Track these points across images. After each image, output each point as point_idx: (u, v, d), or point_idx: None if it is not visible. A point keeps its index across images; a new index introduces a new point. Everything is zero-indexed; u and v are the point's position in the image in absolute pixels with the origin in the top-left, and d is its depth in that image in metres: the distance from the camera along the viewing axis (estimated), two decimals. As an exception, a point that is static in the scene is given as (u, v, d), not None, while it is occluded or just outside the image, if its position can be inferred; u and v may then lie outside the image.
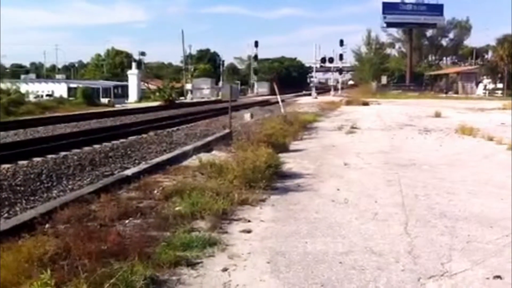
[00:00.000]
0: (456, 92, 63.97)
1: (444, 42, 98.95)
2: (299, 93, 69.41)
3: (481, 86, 63.38)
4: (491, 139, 14.77)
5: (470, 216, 6.70)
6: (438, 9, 78.97)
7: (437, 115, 24.39)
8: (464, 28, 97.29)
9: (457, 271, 4.75)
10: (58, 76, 79.95)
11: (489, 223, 6.34)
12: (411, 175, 9.65)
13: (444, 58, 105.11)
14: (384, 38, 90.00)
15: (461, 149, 13.51)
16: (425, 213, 6.84)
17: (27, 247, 4.70)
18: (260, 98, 56.35)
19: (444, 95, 60.76)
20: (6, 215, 7.61)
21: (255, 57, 78.83)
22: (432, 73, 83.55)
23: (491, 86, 61.93)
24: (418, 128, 18.81)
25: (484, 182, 9.06)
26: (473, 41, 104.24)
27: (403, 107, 32.55)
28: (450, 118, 22.91)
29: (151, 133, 18.40)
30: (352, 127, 18.88)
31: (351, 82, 72.93)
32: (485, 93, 60.11)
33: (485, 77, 64.98)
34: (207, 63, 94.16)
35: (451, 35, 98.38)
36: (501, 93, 55.81)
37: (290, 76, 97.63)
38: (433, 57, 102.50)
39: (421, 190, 8.32)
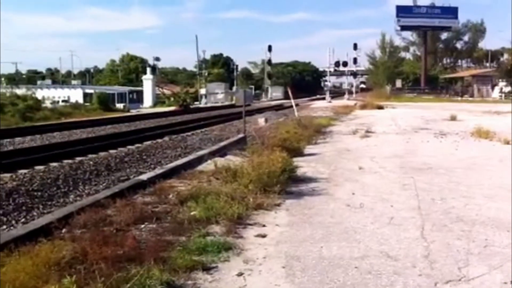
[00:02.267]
0: (472, 95, 63.50)
1: (458, 45, 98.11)
2: (313, 97, 69.41)
3: (496, 89, 62.85)
4: (507, 142, 14.62)
5: (486, 220, 6.64)
6: (452, 12, 78.59)
7: (453, 118, 24.21)
8: (479, 31, 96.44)
9: (475, 276, 4.70)
10: (73, 82, 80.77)
11: (506, 227, 6.27)
12: (426, 179, 9.58)
13: (459, 61, 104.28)
14: (398, 41, 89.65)
15: (477, 153, 13.39)
16: (442, 217, 6.79)
17: (45, 251, 4.74)
18: (274, 103, 56.38)
19: (459, 98, 60.32)
20: (23, 220, 7.69)
21: (269, 61, 78.87)
22: (447, 76, 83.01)
23: (507, 89, 61.28)
24: (433, 132, 18.68)
25: (500, 186, 8.96)
26: (488, 43, 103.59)
27: (418, 110, 32.37)
28: (466, 122, 22.72)
29: (166, 138, 18.49)
30: (367, 131, 18.79)
31: (362, 86, 72.29)
32: (501, 96, 59.59)
33: (500, 80, 64.36)
34: (221, 68, 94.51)
35: (465, 38, 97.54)
36: (517, 96, 55.26)
37: (304, 80, 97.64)
38: (448, 60, 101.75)
39: (437, 194, 8.26)
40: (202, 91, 67.42)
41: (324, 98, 58.55)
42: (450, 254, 5.30)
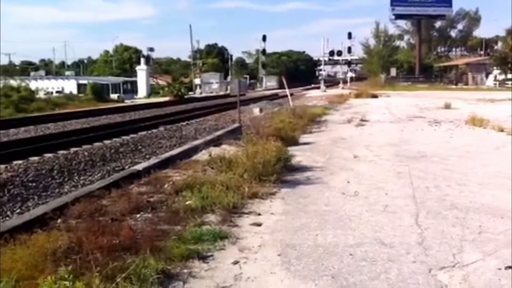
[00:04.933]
0: (466, 84, 63.55)
1: (453, 33, 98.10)
2: (308, 87, 69.34)
3: (491, 77, 62.93)
4: (501, 130, 14.67)
5: (481, 207, 6.67)
6: (446, 0, 78.39)
7: (447, 106, 24.22)
8: (473, 19, 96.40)
9: (469, 262, 4.73)
10: (67, 73, 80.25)
11: (500, 214, 6.31)
12: (421, 167, 9.61)
13: (454, 49, 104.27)
14: (392, 30, 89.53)
15: (472, 141, 13.43)
16: (436, 205, 6.82)
17: (40, 241, 4.74)
18: (268, 92, 56.34)
19: (453, 86, 60.41)
20: (18, 210, 7.70)
21: (263, 51, 78.74)
22: (442, 64, 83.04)
23: (501, 77, 61.36)
24: (428, 120, 18.71)
25: (495, 173, 9.00)
26: (482, 32, 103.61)
27: (413, 99, 32.40)
28: (460, 110, 22.75)
29: (161, 128, 18.46)
30: (362, 120, 18.82)
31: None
32: (495, 84, 59.68)
33: (495, 68, 64.42)
34: (215, 57, 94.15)
35: (460, 26, 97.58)
36: (512, 84, 55.35)
37: (299, 70, 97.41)
38: (442, 49, 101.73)
39: (432, 181, 8.29)
40: (197, 81, 67.25)
41: (318, 88, 58.53)
42: (444, 241, 5.33)
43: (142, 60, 67.71)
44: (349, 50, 64.88)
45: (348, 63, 69.05)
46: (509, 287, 4.23)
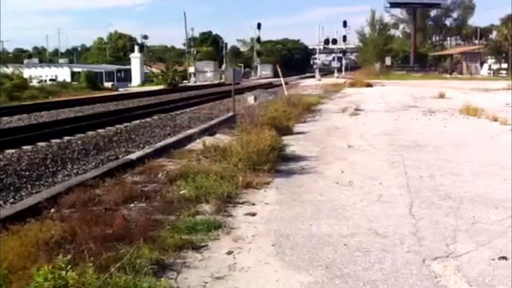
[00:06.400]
0: (461, 73, 63.49)
1: (448, 22, 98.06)
2: (303, 75, 69.21)
3: (485, 66, 62.87)
4: (495, 119, 14.69)
5: (475, 197, 6.69)
6: (442, -11, 78.30)
7: (441, 96, 24.23)
8: (468, 8, 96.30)
9: (462, 252, 4.75)
10: (61, 61, 79.69)
11: (494, 204, 6.34)
12: (415, 157, 9.63)
13: (448, 38, 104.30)
14: (387, 19, 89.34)
15: (466, 130, 13.46)
16: (430, 195, 6.83)
17: (33, 231, 4.72)
18: (263, 81, 56.15)
19: (448, 75, 60.35)
20: (11, 200, 7.65)
21: (258, 39, 78.18)
22: (436, 53, 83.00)
23: (495, 66, 61.42)
24: (422, 110, 18.71)
25: (489, 163, 9.03)
26: (477, 21, 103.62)
27: (407, 88, 32.38)
28: (455, 99, 22.75)
29: (155, 117, 18.40)
30: (356, 109, 18.81)
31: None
32: (489, 73, 59.65)
33: (489, 57, 64.45)
34: (210, 46, 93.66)
35: (454, 15, 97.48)
36: (506, 73, 55.33)
37: (293, 58, 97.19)
38: (437, 38, 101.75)
39: (426, 171, 8.30)
40: (191, 69, 66.91)
41: (313, 76, 58.40)
42: (438, 231, 5.35)
43: (136, 48, 67.22)
44: (344, 38, 64.51)
45: (343, 51, 68.76)
46: (503, 277, 4.24)
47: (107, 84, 52.15)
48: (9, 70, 45.32)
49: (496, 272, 4.33)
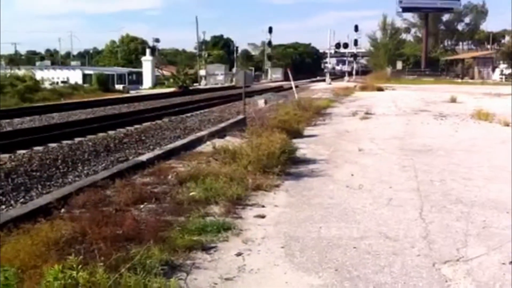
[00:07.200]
0: (472, 78, 63.21)
1: (460, 26, 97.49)
2: (313, 79, 69.16)
3: (497, 71, 62.56)
4: (507, 124, 14.61)
5: (486, 202, 6.65)
6: (454, -6, 77.94)
7: (453, 100, 24.12)
8: (480, 13, 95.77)
9: (473, 257, 4.72)
10: (73, 63, 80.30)
11: (505, 209, 6.28)
12: (426, 161, 9.58)
13: (460, 43, 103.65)
14: (399, 23, 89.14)
15: (477, 135, 13.38)
16: (441, 199, 6.79)
17: (44, 231, 4.74)
18: (274, 84, 56.19)
19: (459, 80, 60.08)
20: (22, 200, 7.70)
21: (269, 43, 78.34)
22: (448, 58, 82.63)
23: (508, 71, 61.01)
24: (433, 114, 18.63)
25: (500, 167, 8.96)
26: (489, 25, 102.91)
27: (418, 92, 32.27)
28: (466, 104, 22.66)
29: (166, 119, 18.46)
30: (367, 113, 18.75)
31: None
32: (501, 78, 59.33)
33: (501, 62, 64.06)
34: (221, 49, 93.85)
35: (467, 20, 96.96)
36: (518, 78, 55.02)
37: (304, 62, 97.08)
38: (449, 42, 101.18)
39: (437, 175, 8.26)
40: (202, 72, 67.08)
41: (324, 80, 58.37)
42: (448, 235, 5.31)
43: (148, 51, 67.47)
44: (356, 42, 64.62)
45: (354, 56, 68.71)
46: (514, 282, 4.21)
47: (118, 87, 52.33)
48: (21, 72, 45.54)
49: (507, 277, 4.30)
